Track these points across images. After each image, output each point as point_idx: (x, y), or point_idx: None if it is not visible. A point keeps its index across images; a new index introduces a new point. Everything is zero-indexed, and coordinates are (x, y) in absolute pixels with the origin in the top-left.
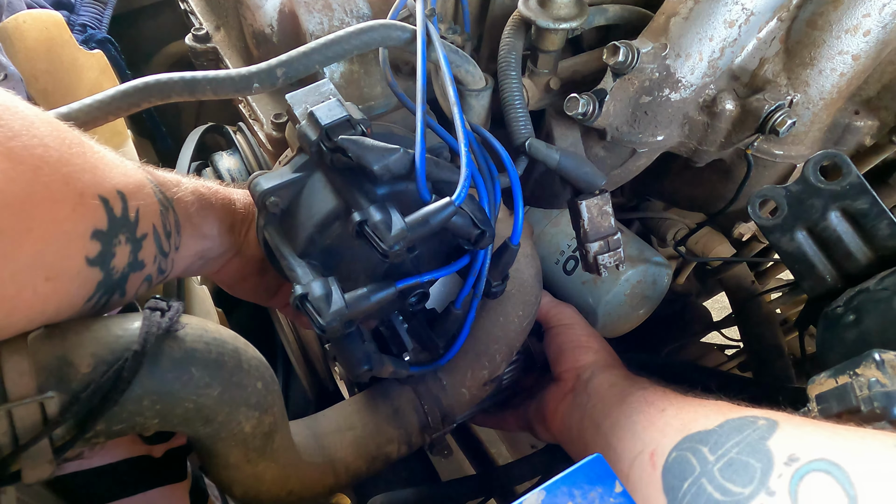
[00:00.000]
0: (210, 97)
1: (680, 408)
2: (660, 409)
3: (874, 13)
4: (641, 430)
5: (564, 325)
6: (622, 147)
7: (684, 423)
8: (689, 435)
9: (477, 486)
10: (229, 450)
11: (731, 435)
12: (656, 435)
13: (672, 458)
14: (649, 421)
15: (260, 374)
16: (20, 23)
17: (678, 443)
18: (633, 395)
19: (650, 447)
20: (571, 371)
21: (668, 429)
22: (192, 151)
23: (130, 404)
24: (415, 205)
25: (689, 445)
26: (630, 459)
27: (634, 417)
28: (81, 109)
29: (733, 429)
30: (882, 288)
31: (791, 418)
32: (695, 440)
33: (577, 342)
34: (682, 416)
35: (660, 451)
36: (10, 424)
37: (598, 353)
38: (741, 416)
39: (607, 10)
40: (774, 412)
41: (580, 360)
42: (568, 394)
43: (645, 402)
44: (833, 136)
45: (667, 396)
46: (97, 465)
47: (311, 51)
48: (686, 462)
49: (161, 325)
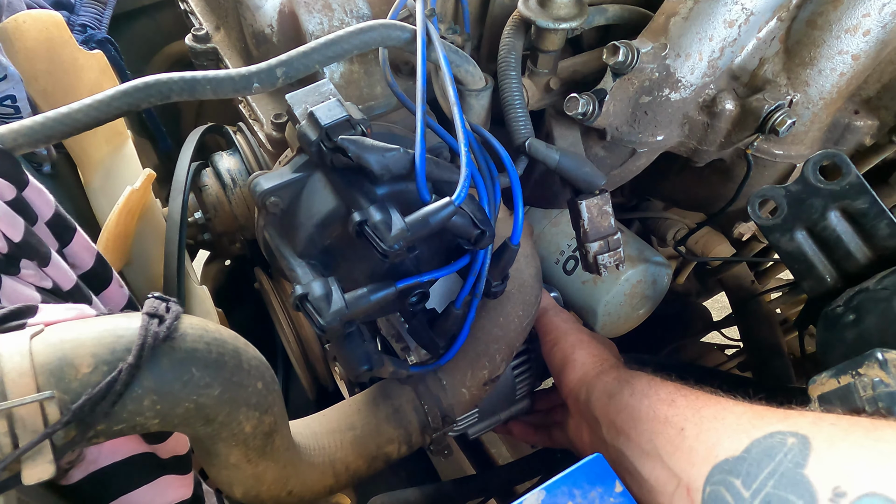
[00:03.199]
0: (210, 97)
1: (698, 426)
2: (678, 429)
3: (874, 13)
4: (668, 458)
5: (550, 340)
6: (622, 147)
7: (709, 449)
8: (718, 464)
9: (477, 486)
10: (230, 450)
11: (763, 462)
12: (685, 465)
13: (708, 494)
14: (673, 445)
15: (260, 374)
16: (20, 23)
17: (709, 475)
18: (640, 411)
19: (684, 481)
20: (570, 395)
21: (694, 456)
22: (192, 151)
23: (131, 404)
24: (415, 205)
25: (720, 478)
26: (669, 495)
27: (655, 442)
28: (81, 109)
29: (763, 453)
30: (882, 287)
31: (818, 431)
32: (724, 470)
33: (565, 360)
34: (703, 437)
35: (694, 487)
36: (9, 424)
37: (584, 365)
38: (766, 434)
39: (607, 10)
40: (795, 419)
41: (570, 380)
42: (581, 422)
43: (657, 421)
44: (833, 135)
45: (676, 407)
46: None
47: (311, 51)
48: (721, 499)
49: (158, 336)
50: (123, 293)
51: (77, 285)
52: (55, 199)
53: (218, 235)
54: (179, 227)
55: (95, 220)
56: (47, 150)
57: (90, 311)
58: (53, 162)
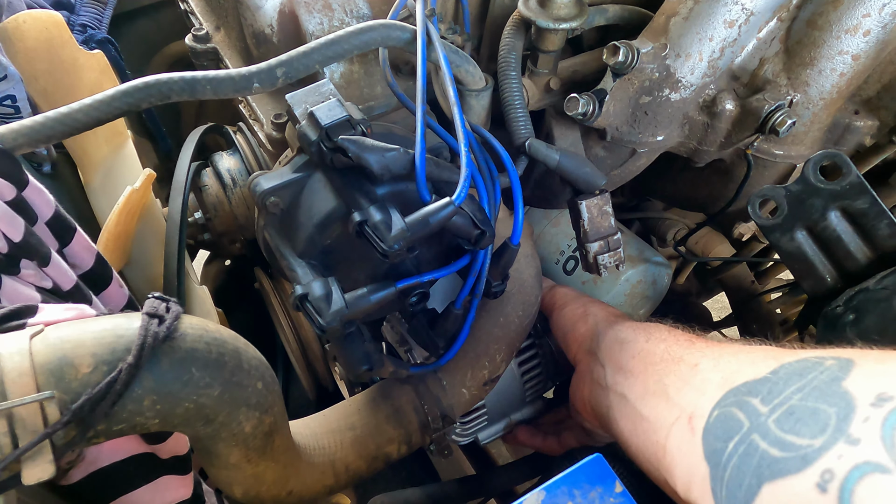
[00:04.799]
0: (210, 97)
1: (716, 359)
2: (692, 365)
3: (874, 13)
4: (675, 394)
5: (558, 307)
6: (622, 147)
7: (725, 377)
8: (734, 388)
9: (477, 486)
10: (230, 450)
11: (791, 380)
12: (693, 396)
13: (714, 418)
14: (683, 381)
15: (260, 374)
16: (20, 23)
17: (720, 399)
18: (655, 354)
19: (688, 411)
20: (580, 349)
21: (706, 385)
22: (192, 151)
23: (131, 404)
24: (415, 205)
25: (734, 400)
26: (666, 429)
27: (665, 381)
28: (81, 109)
29: (793, 373)
30: (882, 287)
31: (867, 353)
32: (741, 392)
33: (575, 317)
34: (721, 368)
35: (699, 413)
36: (9, 425)
37: (595, 316)
38: (801, 359)
39: (607, 10)
40: (842, 349)
41: (582, 332)
42: (586, 375)
43: (672, 360)
44: (833, 136)
45: (695, 346)
46: (101, 466)
47: (311, 51)
48: (731, 419)
49: (158, 336)
50: (123, 293)
51: (77, 285)
52: (55, 199)
53: (218, 235)
54: (179, 227)
55: (95, 220)
56: (47, 150)
57: (90, 311)
58: (53, 162)
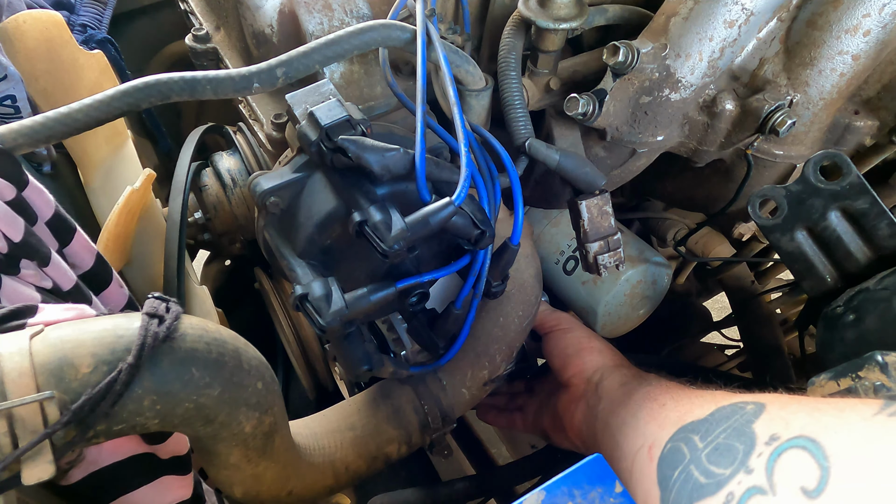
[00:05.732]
0: (210, 97)
1: (678, 400)
2: (661, 404)
3: (874, 13)
4: (643, 425)
5: (562, 329)
6: (622, 147)
7: (680, 415)
8: (684, 425)
9: (477, 486)
10: (230, 450)
11: (721, 421)
12: (655, 429)
13: (667, 450)
14: (651, 416)
15: (260, 374)
16: (20, 23)
17: (673, 434)
18: (639, 392)
19: (649, 441)
20: (580, 376)
21: (665, 422)
22: (192, 151)
23: (131, 404)
24: (415, 205)
25: (682, 436)
26: (632, 455)
27: (639, 414)
28: (81, 109)
29: (723, 416)
30: (882, 288)
31: (779, 398)
32: (688, 430)
33: (580, 345)
34: (679, 407)
35: (657, 444)
36: (9, 425)
37: (603, 354)
38: (732, 403)
39: (607, 10)
40: (767, 395)
41: (587, 363)
42: (580, 400)
43: (648, 398)
44: (833, 136)
45: (669, 390)
46: (101, 466)
47: (311, 51)
48: (678, 452)
49: (158, 336)
50: (123, 293)
51: (77, 285)
52: (55, 199)
53: (218, 235)
54: (179, 227)
55: (95, 220)
56: (47, 150)
57: (90, 311)
58: (53, 162)
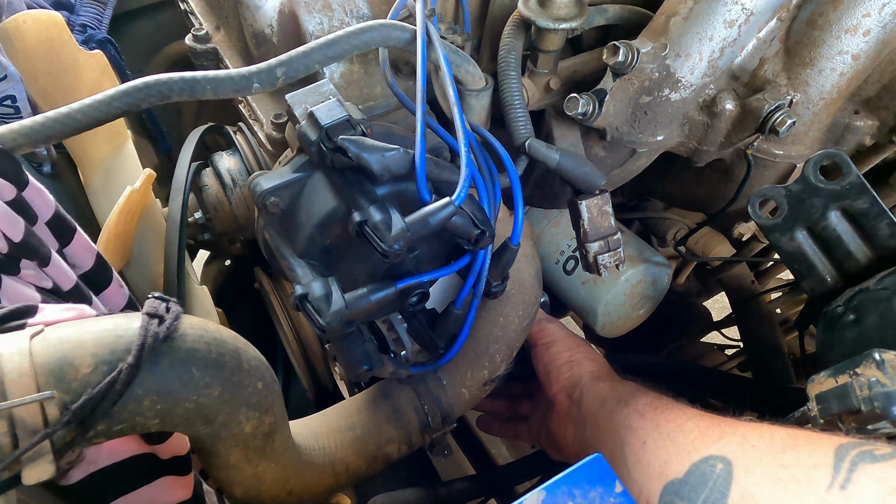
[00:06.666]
0: (210, 97)
1: (656, 443)
2: (641, 442)
3: (874, 13)
4: (633, 468)
5: (545, 343)
6: (622, 147)
7: (661, 467)
8: (667, 485)
9: (477, 486)
10: (230, 450)
11: (699, 488)
12: (644, 479)
13: None
14: (636, 457)
15: (260, 374)
16: (20, 23)
17: (661, 494)
18: (620, 420)
19: (644, 494)
20: (562, 392)
21: (650, 472)
22: (192, 151)
23: (131, 404)
24: (415, 205)
25: (668, 499)
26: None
27: (625, 451)
28: (81, 109)
29: (699, 480)
30: (882, 287)
31: (741, 455)
32: (672, 492)
33: (560, 360)
34: (658, 454)
35: (652, 500)
36: (9, 425)
37: (582, 366)
38: (702, 459)
39: (607, 10)
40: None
41: (567, 379)
42: (567, 419)
43: (630, 431)
44: (833, 135)
45: (645, 421)
46: (101, 466)
47: (311, 51)
48: None
49: (158, 336)
50: (123, 293)
51: (77, 285)
52: (55, 199)
53: (218, 235)
54: (179, 227)
55: (95, 220)
56: (47, 150)
57: (90, 311)
58: (53, 162)
